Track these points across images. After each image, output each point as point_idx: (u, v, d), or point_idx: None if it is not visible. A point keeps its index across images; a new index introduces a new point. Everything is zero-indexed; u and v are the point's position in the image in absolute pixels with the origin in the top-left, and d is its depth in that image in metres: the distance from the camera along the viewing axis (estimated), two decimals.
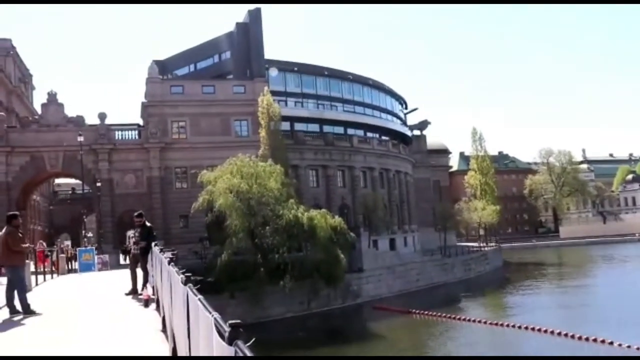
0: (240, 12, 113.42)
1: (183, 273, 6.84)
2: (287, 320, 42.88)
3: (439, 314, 43.16)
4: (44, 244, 37.44)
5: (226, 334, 3.22)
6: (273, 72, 60.83)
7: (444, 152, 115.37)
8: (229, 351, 3.07)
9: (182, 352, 6.70)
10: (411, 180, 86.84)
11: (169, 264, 9.20)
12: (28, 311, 13.67)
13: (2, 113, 61.55)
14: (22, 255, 14.57)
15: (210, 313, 4.13)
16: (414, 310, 44.94)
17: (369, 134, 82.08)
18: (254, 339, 3.06)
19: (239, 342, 3.03)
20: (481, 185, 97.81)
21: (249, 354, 2.85)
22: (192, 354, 5.49)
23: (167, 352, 8.56)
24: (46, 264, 28.80)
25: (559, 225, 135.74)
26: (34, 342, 10.41)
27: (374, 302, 50.21)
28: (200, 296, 4.98)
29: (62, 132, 54.46)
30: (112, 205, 55.43)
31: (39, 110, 60.58)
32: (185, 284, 5.98)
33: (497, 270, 79.27)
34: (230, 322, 3.27)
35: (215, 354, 3.58)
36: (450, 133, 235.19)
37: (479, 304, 52.89)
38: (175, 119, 58.34)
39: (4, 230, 14.20)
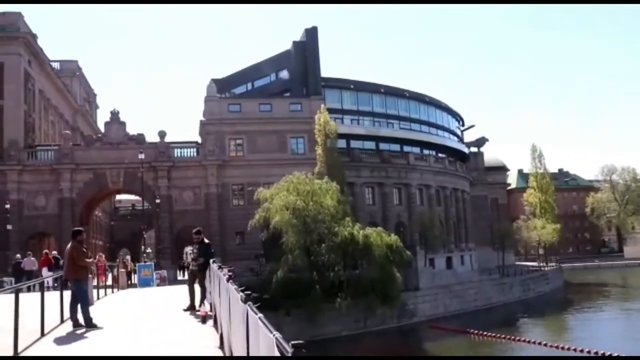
0: (297, 31, 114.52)
1: (242, 291, 6.86)
2: (342, 338, 42.67)
3: (498, 334, 42.26)
4: (103, 256, 38.41)
5: (289, 354, 3.20)
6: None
7: (502, 169, 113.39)
8: None
9: None
10: (468, 198, 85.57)
11: (227, 281, 9.25)
12: (90, 325, 13.96)
13: (67, 131, 63.74)
14: (85, 270, 14.94)
15: (271, 332, 4.11)
16: (471, 330, 44.13)
17: (426, 151, 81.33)
18: None
19: None
20: (541, 203, 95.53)
21: None
22: None
23: None
24: (106, 278, 29.48)
25: (623, 245, 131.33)
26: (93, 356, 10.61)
27: (430, 322, 49.57)
28: (260, 315, 4.98)
29: (124, 150, 55.79)
30: (171, 222, 56.37)
31: (102, 129, 62.30)
32: (245, 302, 5.99)
33: (558, 291, 77.23)
34: (293, 342, 3.25)
35: None
36: (508, 150, 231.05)
37: (539, 325, 51.57)
38: (232, 136, 59.15)
39: (69, 245, 14.61)
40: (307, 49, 70.14)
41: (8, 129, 55.39)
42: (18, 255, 37.37)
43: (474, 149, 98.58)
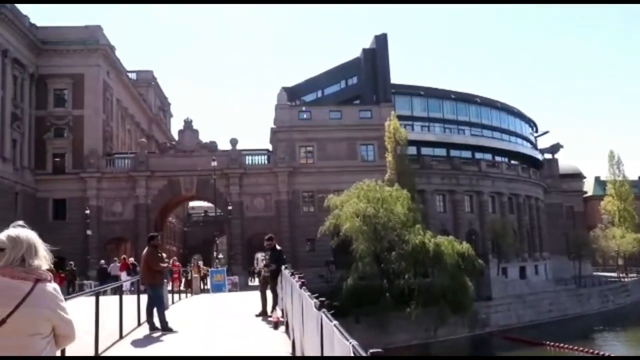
0: (367, 38, 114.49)
1: (316, 297, 6.85)
2: (412, 347, 42.19)
3: (576, 347, 40.90)
4: (177, 261, 39.43)
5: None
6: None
7: (578, 176, 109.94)
8: None
9: None
10: (542, 205, 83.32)
11: (300, 287, 9.27)
12: (166, 328, 14.29)
13: (143, 139, 65.74)
14: (161, 274, 15.27)
15: (347, 340, 4.08)
16: (547, 342, 42.87)
17: (498, 158, 79.80)
18: None
19: None
20: (619, 211, 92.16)
21: None
22: None
23: None
24: (180, 283, 30.28)
25: None
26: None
27: (503, 332, 48.47)
28: (335, 322, 4.94)
29: (197, 158, 57.02)
30: (242, 228, 57.19)
31: (176, 137, 63.90)
32: (319, 309, 5.97)
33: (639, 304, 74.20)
34: (371, 350, 3.22)
35: None
36: (584, 156, 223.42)
37: (619, 338, 49.67)
38: (302, 144, 59.62)
39: (145, 250, 15.00)
40: (376, 55, 70.07)
41: (88, 137, 57.55)
42: (102, 261, 39.41)
43: (548, 156, 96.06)
